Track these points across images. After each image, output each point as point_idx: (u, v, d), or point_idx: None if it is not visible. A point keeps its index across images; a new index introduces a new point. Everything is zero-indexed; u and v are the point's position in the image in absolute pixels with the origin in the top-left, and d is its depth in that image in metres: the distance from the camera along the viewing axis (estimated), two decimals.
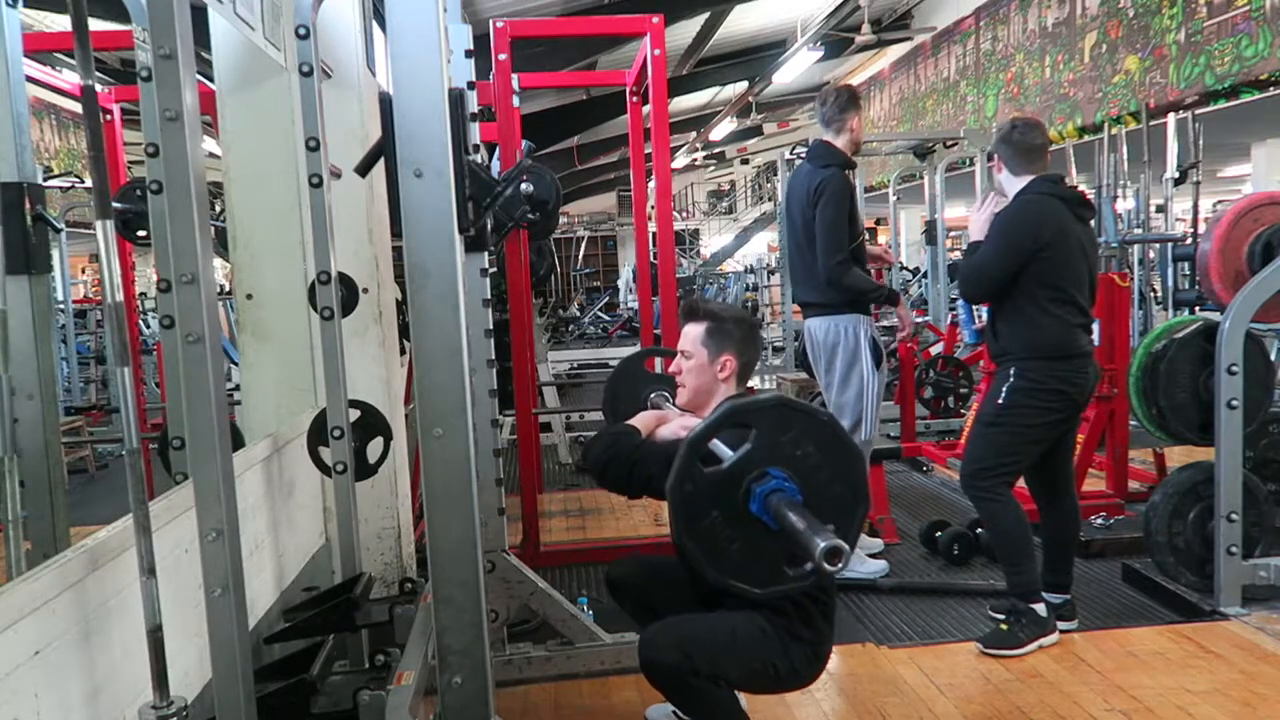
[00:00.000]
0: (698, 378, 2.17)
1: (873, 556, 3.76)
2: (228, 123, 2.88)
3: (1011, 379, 2.88)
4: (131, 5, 2.15)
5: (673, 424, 2.18)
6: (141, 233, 3.41)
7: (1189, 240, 5.60)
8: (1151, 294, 6.64)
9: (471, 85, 2.57)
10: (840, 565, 1.40)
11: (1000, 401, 2.89)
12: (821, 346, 3.62)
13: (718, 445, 1.70)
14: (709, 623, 2.04)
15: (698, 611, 2.10)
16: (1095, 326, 3.89)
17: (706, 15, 9.71)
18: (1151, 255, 6.74)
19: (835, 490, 1.61)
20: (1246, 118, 7.33)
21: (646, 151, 4.48)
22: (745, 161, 23.58)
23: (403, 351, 3.48)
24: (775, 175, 10.95)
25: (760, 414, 1.62)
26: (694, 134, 17.54)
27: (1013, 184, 2.97)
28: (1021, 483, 3.07)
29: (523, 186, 2.19)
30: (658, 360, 3.17)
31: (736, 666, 2.02)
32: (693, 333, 2.19)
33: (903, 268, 9.16)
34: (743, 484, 1.58)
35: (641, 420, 2.20)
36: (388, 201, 1.85)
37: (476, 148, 2.81)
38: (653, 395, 2.59)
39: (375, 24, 3.23)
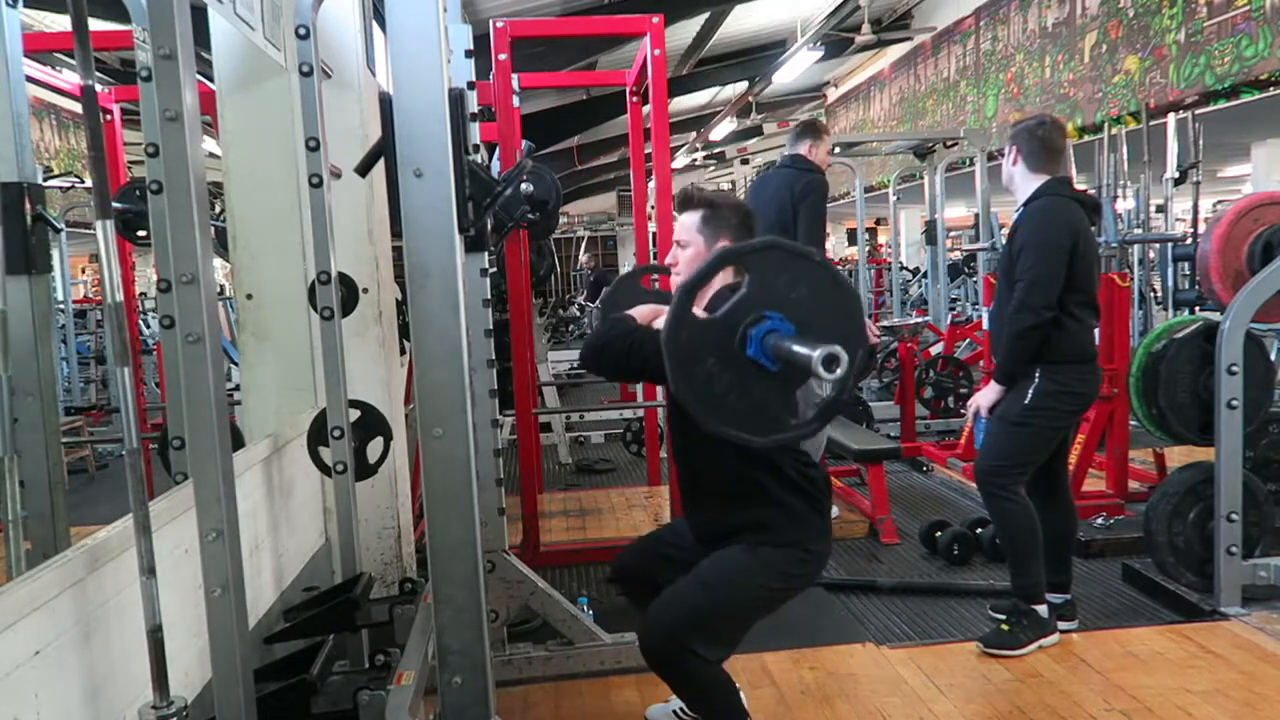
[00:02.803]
0: (694, 266, 2.10)
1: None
2: (228, 123, 2.88)
3: (1038, 381, 2.87)
4: (131, 5, 2.15)
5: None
6: (141, 233, 3.40)
7: (1189, 240, 5.60)
8: (1151, 294, 6.63)
9: (471, 85, 2.57)
10: (840, 370, 1.38)
11: (1027, 403, 2.88)
12: None
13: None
14: (690, 591, 2.03)
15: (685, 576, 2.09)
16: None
17: (706, 15, 9.70)
18: (1151, 255, 6.73)
19: (833, 332, 1.55)
20: (1246, 118, 7.32)
21: (646, 151, 4.48)
22: (745, 161, 23.51)
23: (403, 351, 3.48)
24: None
25: (754, 258, 1.58)
26: (694, 134, 17.54)
27: (1027, 180, 2.93)
28: None
29: (523, 186, 2.19)
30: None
31: (730, 617, 2.03)
32: (688, 221, 2.14)
33: (903, 268, 9.16)
34: (739, 329, 1.54)
35: (638, 312, 2.16)
36: (388, 201, 1.85)
37: (476, 148, 2.81)
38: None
39: (375, 24, 3.23)
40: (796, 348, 1.44)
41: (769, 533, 2.05)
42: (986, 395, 2.99)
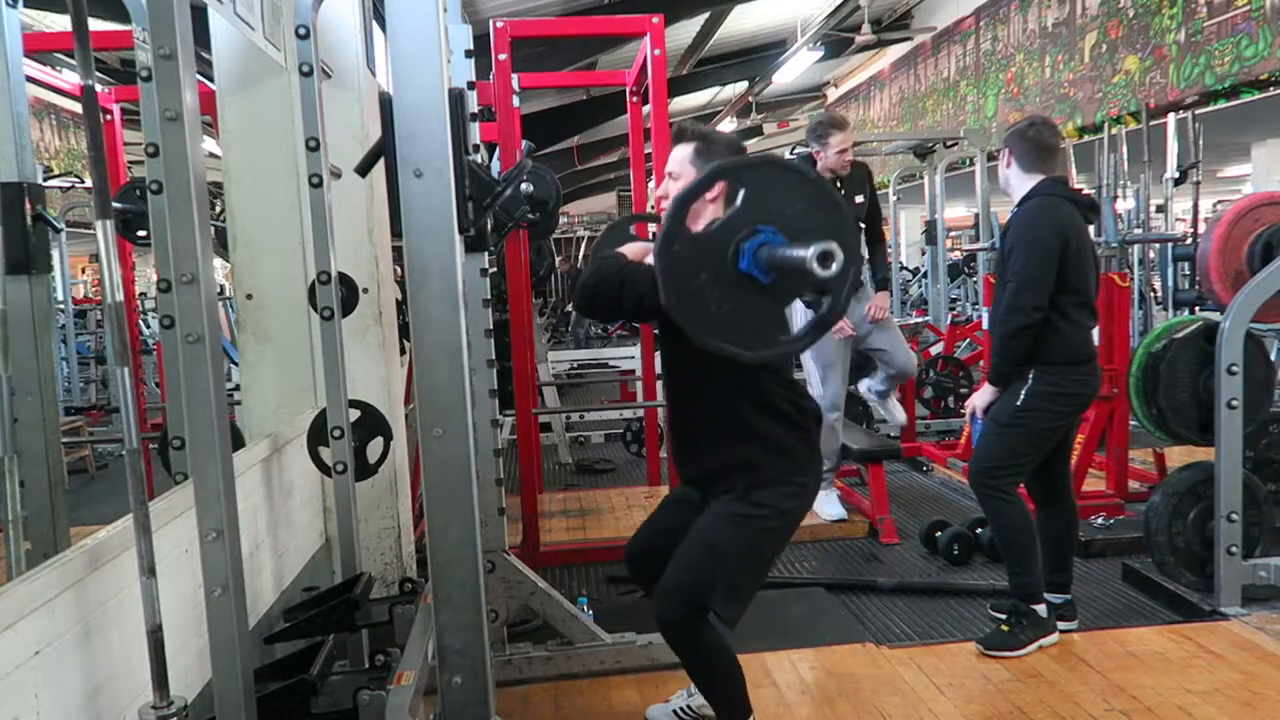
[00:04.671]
0: None
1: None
2: (228, 123, 2.88)
3: (1031, 382, 2.87)
4: (131, 5, 2.15)
5: None
6: (141, 233, 3.41)
7: (1189, 240, 5.60)
8: (1151, 294, 6.63)
9: (471, 85, 2.57)
10: (834, 267, 1.38)
11: (1019, 404, 2.88)
12: None
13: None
14: (690, 554, 2.06)
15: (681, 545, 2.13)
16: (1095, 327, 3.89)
17: (706, 15, 9.70)
18: (1151, 255, 6.73)
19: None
20: (1246, 118, 7.32)
21: (646, 151, 4.48)
22: None
23: (403, 351, 3.48)
24: None
25: (747, 172, 1.58)
26: None
27: (1022, 181, 2.94)
28: None
29: (523, 186, 2.19)
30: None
31: (736, 569, 2.04)
32: (680, 154, 2.13)
33: (903, 268, 9.16)
34: (732, 244, 1.55)
35: (628, 249, 2.15)
36: (388, 201, 1.85)
37: (476, 148, 2.81)
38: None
39: (375, 24, 3.23)
40: (790, 251, 1.44)
41: (756, 472, 2.06)
42: (982, 396, 2.99)
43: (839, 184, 4.19)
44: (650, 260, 2.01)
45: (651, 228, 2.67)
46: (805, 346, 1.73)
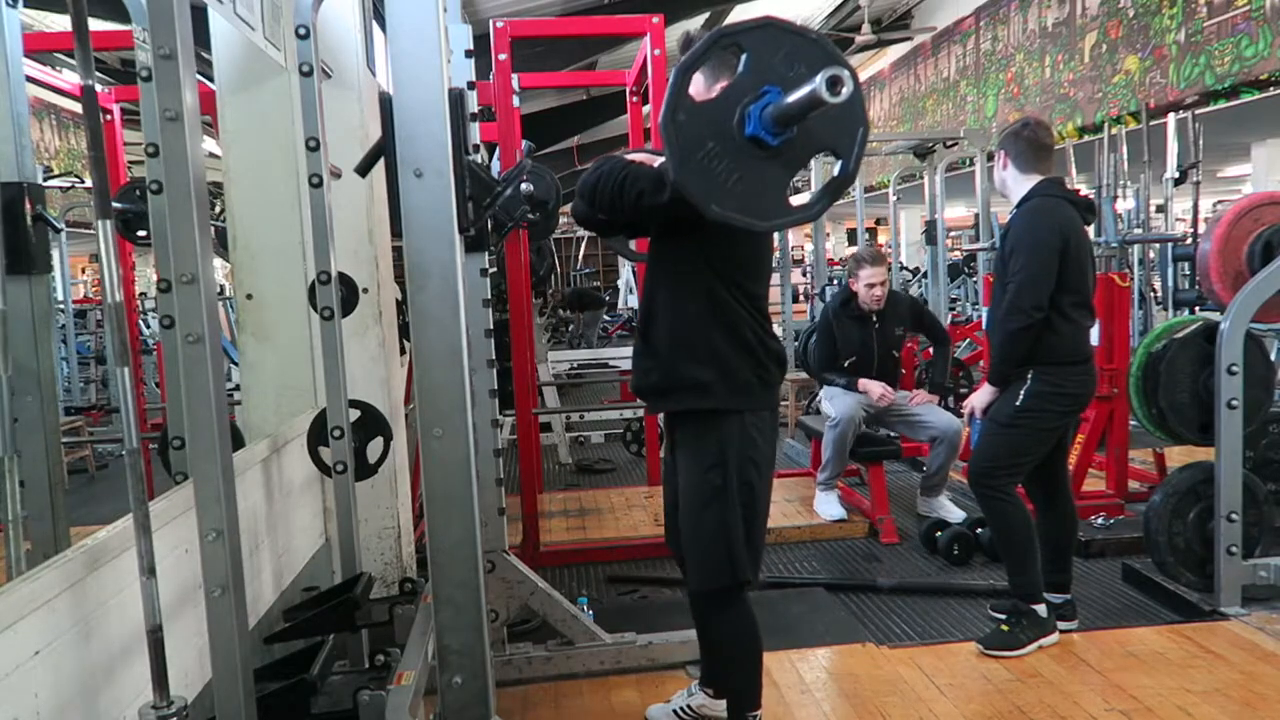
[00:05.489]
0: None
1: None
2: (228, 123, 2.88)
3: (1030, 382, 2.87)
4: (131, 5, 2.15)
5: (661, 161, 2.10)
6: (141, 233, 3.41)
7: (1189, 240, 5.60)
8: (1151, 294, 6.63)
9: (471, 85, 2.57)
10: (843, 91, 1.34)
11: (1019, 404, 2.88)
12: None
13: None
14: (693, 531, 2.11)
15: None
16: (1095, 327, 3.89)
17: (706, 15, 9.71)
18: (1151, 255, 6.73)
19: (833, 110, 1.48)
20: (1246, 118, 7.32)
21: None
22: None
23: (403, 351, 3.48)
24: None
25: (749, 35, 1.55)
26: None
27: (1019, 182, 2.94)
28: None
29: (523, 186, 2.19)
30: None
31: (736, 520, 2.07)
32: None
33: (903, 268, 9.15)
34: (738, 108, 1.52)
35: (631, 154, 2.14)
36: (388, 201, 1.85)
37: (476, 148, 2.81)
38: None
39: (375, 24, 3.23)
40: (795, 93, 1.39)
41: (708, 396, 2.06)
42: (981, 396, 2.99)
43: (875, 317, 4.41)
44: (655, 163, 2.00)
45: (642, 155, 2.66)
46: (819, 213, 1.68)
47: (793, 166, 1.57)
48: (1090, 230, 3.12)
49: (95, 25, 1.96)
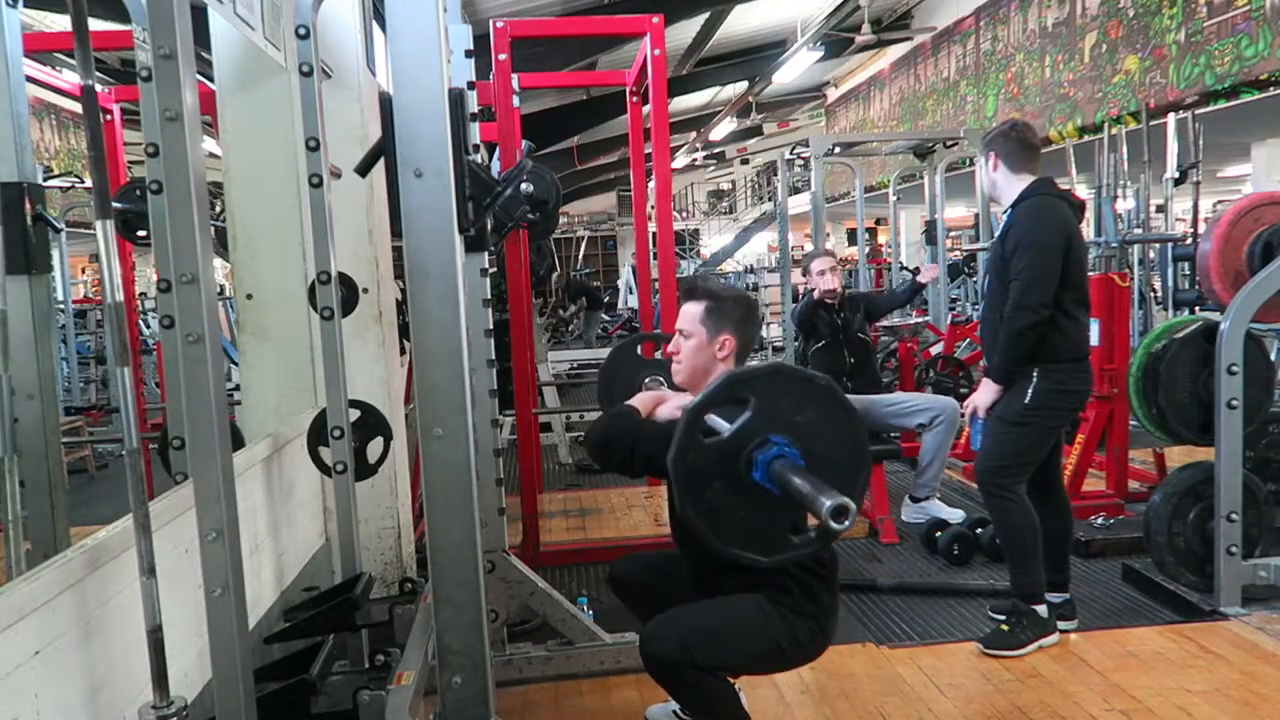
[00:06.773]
0: (696, 357, 2.16)
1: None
2: (228, 123, 2.88)
3: (1036, 380, 2.87)
4: (131, 5, 2.15)
5: (670, 403, 2.17)
6: (141, 233, 3.40)
7: (1189, 240, 5.60)
8: (1151, 294, 6.62)
9: (471, 85, 2.57)
10: (847, 522, 1.38)
11: (1027, 402, 2.88)
12: None
13: (715, 420, 1.69)
14: (708, 613, 2.05)
15: (699, 601, 2.11)
16: (1095, 326, 3.90)
17: (706, 15, 9.71)
18: (1151, 255, 6.72)
19: (838, 453, 1.59)
20: (1246, 118, 7.33)
21: (646, 151, 4.48)
22: (745, 161, 23.58)
23: (403, 351, 3.48)
24: (775, 175, 10.93)
25: (758, 382, 1.61)
26: (694, 134, 17.54)
27: (1011, 183, 2.95)
28: None
29: (523, 186, 2.19)
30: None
31: (738, 652, 2.03)
32: (692, 311, 2.17)
33: (903, 268, 9.13)
34: (744, 453, 1.56)
35: (639, 400, 2.19)
36: (388, 201, 1.85)
37: (476, 148, 2.81)
38: (647, 380, 2.60)
39: (375, 24, 3.23)
40: (805, 489, 1.45)
41: (790, 596, 2.05)
42: (983, 396, 2.99)
43: (840, 313, 4.63)
44: (661, 411, 2.12)
45: (657, 366, 2.79)
46: (811, 555, 1.78)
47: (797, 506, 1.61)
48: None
49: (95, 25, 1.95)
